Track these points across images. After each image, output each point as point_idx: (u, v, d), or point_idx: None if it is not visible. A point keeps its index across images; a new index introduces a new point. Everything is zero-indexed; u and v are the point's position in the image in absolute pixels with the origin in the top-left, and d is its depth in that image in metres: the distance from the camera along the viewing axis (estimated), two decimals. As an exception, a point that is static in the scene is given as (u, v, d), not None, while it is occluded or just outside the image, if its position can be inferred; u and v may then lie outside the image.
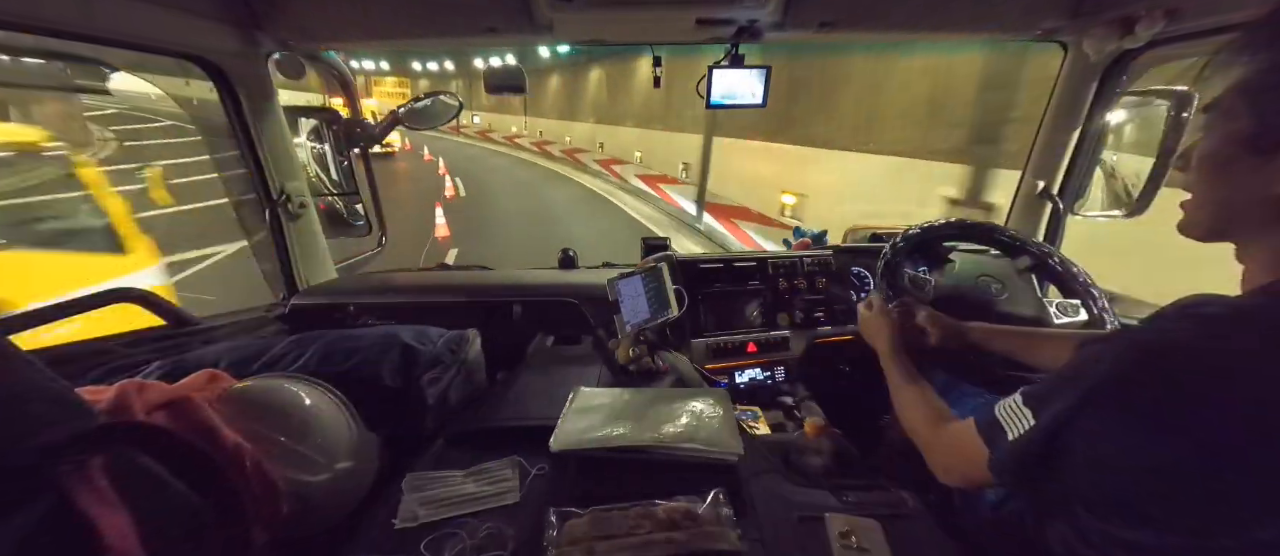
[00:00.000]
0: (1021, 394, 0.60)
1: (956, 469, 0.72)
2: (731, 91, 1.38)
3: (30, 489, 0.47)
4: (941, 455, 0.75)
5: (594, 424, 0.91)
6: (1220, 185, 0.55)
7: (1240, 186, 0.52)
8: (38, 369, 0.53)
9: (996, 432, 0.61)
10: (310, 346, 1.08)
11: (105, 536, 0.48)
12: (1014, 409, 0.60)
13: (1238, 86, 0.51)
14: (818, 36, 1.28)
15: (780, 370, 1.49)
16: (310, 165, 1.64)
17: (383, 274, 1.77)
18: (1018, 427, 0.59)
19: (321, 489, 0.77)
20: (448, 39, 1.34)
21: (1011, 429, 0.59)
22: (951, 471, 0.73)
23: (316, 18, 1.25)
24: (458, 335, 1.24)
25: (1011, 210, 1.63)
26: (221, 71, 1.29)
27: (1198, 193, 0.57)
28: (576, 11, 1.12)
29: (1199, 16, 1.07)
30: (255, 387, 0.84)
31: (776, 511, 0.79)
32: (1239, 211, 0.53)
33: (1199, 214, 0.57)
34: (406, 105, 1.67)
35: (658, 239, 1.71)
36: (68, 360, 1.04)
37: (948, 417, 0.77)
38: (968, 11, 1.26)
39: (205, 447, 0.64)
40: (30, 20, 0.86)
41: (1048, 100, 1.48)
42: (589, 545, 0.66)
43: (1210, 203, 0.56)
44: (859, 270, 1.60)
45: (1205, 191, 0.56)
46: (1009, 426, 0.60)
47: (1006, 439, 0.60)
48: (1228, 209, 0.55)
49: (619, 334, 1.27)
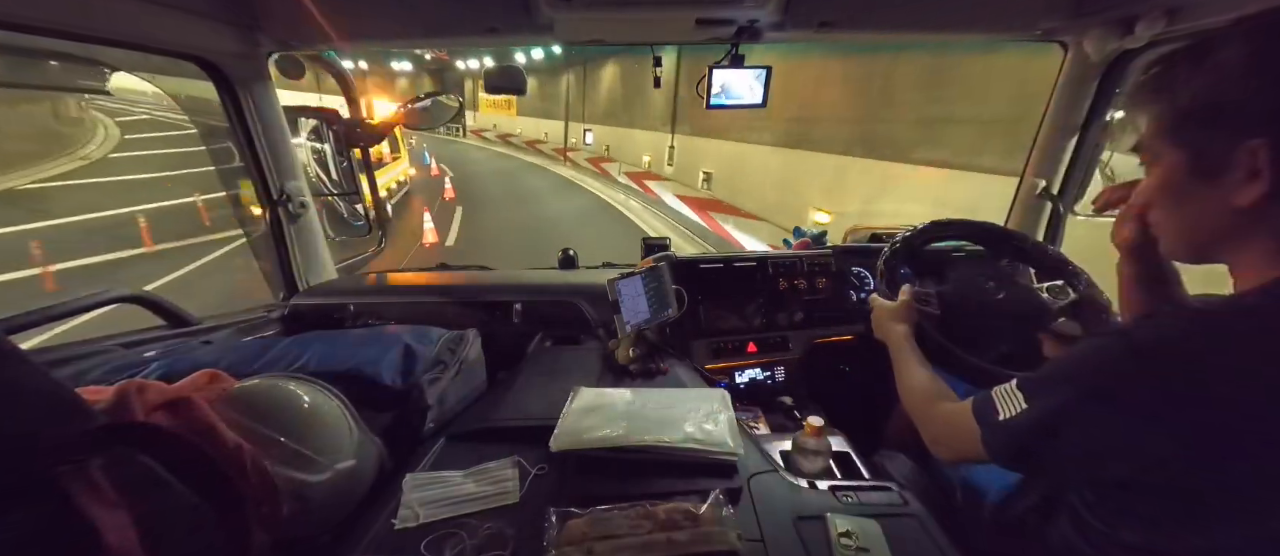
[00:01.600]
0: (1017, 380, 0.61)
1: (946, 442, 0.74)
2: (731, 92, 1.38)
3: (30, 489, 0.47)
4: (933, 428, 0.77)
5: (594, 424, 0.91)
6: (1181, 213, 0.56)
7: (1200, 209, 0.54)
8: (38, 369, 0.53)
9: (988, 410, 0.63)
10: (310, 346, 1.08)
11: (105, 536, 0.48)
12: (1008, 392, 0.61)
13: (1155, 129, 0.54)
14: (818, 36, 1.28)
15: (780, 370, 1.49)
16: (310, 165, 1.64)
17: (383, 274, 1.77)
18: (1009, 410, 0.60)
19: (321, 489, 0.77)
20: (448, 39, 1.34)
21: (1003, 409, 0.61)
22: (940, 444, 0.75)
23: (316, 18, 1.25)
24: (458, 335, 1.24)
25: (1011, 210, 1.63)
26: (221, 71, 1.29)
27: (1165, 223, 0.59)
28: (576, 11, 1.12)
29: (1199, 16, 1.07)
30: (255, 387, 0.84)
31: (776, 511, 0.79)
32: (1210, 234, 0.54)
33: (1174, 242, 0.59)
34: (405, 105, 1.67)
35: (658, 239, 1.71)
36: (68, 360, 1.04)
37: (949, 398, 0.78)
38: (968, 11, 1.26)
39: (205, 447, 0.64)
40: (30, 20, 0.86)
41: (1047, 100, 1.48)
42: (589, 545, 0.66)
43: (1181, 231, 0.58)
44: (859, 270, 1.60)
45: (1172, 223, 0.58)
46: (1001, 407, 0.61)
47: (997, 418, 0.61)
48: (1199, 234, 0.56)
49: (619, 334, 1.27)
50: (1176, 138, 0.53)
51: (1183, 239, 0.58)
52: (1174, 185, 0.55)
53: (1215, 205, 0.51)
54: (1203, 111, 0.50)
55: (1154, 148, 0.55)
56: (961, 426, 0.67)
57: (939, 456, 0.75)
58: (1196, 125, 0.51)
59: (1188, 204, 0.55)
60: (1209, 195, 0.51)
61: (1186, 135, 0.52)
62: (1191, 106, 0.51)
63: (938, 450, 0.75)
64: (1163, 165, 0.55)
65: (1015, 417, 0.59)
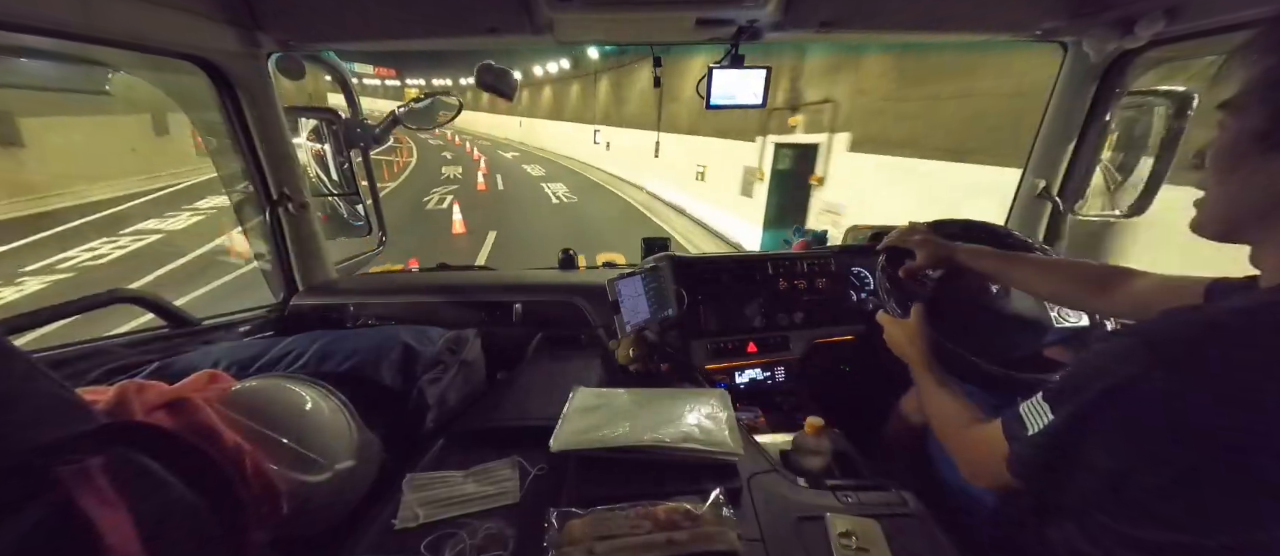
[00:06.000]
0: (1042, 392, 0.60)
1: (984, 469, 0.70)
2: (731, 92, 1.38)
3: (30, 489, 0.47)
4: (969, 456, 0.74)
5: (594, 424, 0.91)
6: (1232, 182, 0.55)
7: (1251, 183, 0.53)
8: (38, 369, 0.53)
9: (1018, 428, 0.62)
10: (310, 346, 1.08)
11: (105, 536, 0.48)
12: (1036, 406, 0.60)
13: (1252, 83, 0.52)
14: (818, 36, 1.28)
15: (780, 370, 1.49)
16: (310, 165, 1.64)
17: (383, 274, 1.77)
18: (1037, 423, 0.59)
19: (321, 489, 0.77)
20: (448, 39, 1.33)
21: (1032, 424, 0.60)
22: (979, 473, 0.71)
23: (316, 18, 1.25)
24: (458, 335, 1.24)
25: (1011, 210, 1.63)
26: (221, 71, 1.29)
27: (1210, 191, 0.58)
28: (576, 12, 1.12)
29: (1199, 16, 1.07)
30: (255, 387, 0.84)
31: (776, 511, 0.79)
32: (1250, 209, 0.54)
33: (1212, 212, 0.58)
34: (405, 105, 1.67)
35: (658, 239, 1.71)
36: (68, 360, 1.04)
37: (977, 420, 0.75)
38: (968, 11, 1.26)
39: (205, 447, 0.64)
40: (30, 20, 0.86)
41: (1047, 100, 1.48)
42: (589, 545, 0.66)
43: (1222, 200, 0.57)
44: (859, 270, 1.60)
45: (1217, 189, 0.57)
46: (1030, 421, 0.60)
47: (1026, 433, 0.60)
48: (1239, 207, 0.55)
49: (619, 334, 1.27)
50: (1269, 96, 0.51)
51: (1222, 208, 0.57)
52: (1237, 150, 0.54)
53: (1267, 183, 0.51)
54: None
55: (1241, 102, 0.53)
56: (996, 451, 0.65)
57: (978, 485, 0.72)
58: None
59: (1242, 171, 0.54)
60: (1265, 168, 0.51)
61: (1277, 100, 0.50)
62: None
63: (978, 481, 0.71)
64: (1237, 126, 0.54)
65: (1043, 431, 0.58)
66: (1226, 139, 0.55)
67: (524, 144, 26.87)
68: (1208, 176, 0.58)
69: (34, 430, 0.50)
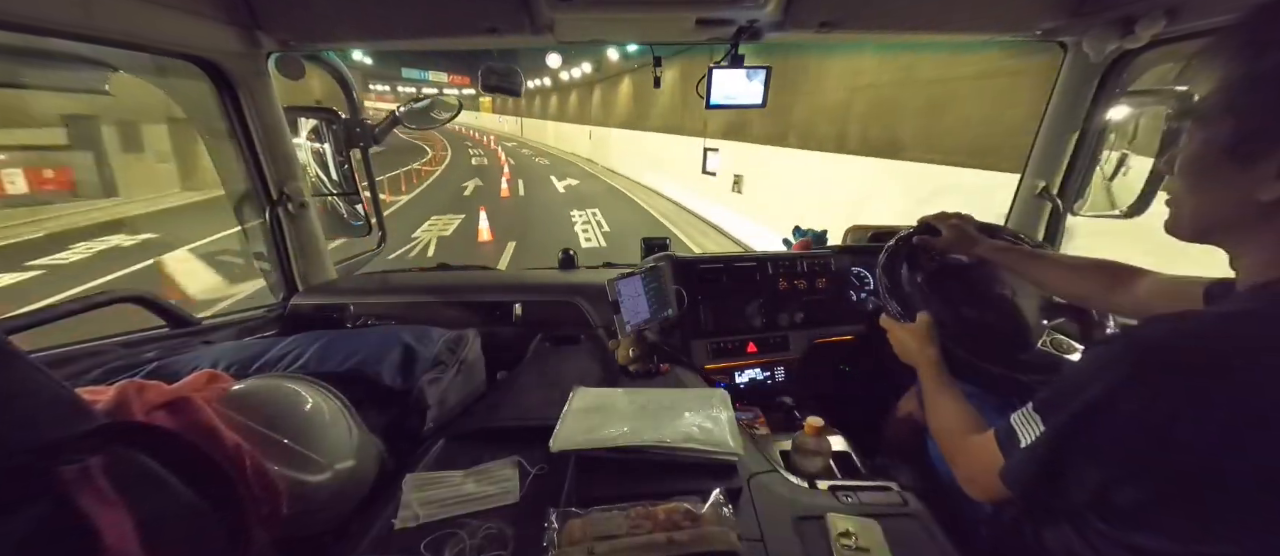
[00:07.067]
0: (1033, 402, 0.60)
1: (979, 480, 0.69)
2: (731, 92, 1.38)
3: (30, 489, 0.47)
4: (965, 466, 0.73)
5: (594, 424, 0.91)
6: (1201, 191, 0.55)
7: (1221, 193, 0.52)
8: (38, 369, 0.53)
9: (1011, 440, 0.61)
10: (310, 346, 1.08)
11: (105, 536, 0.48)
12: (1027, 417, 0.60)
13: (1217, 91, 0.51)
14: (818, 36, 1.28)
15: (780, 370, 1.49)
16: (310, 165, 1.64)
17: (383, 274, 1.77)
18: (1029, 434, 0.59)
19: (321, 489, 0.77)
20: (448, 39, 1.33)
21: (1024, 435, 0.59)
22: (974, 482, 0.71)
23: (316, 18, 1.25)
24: (458, 335, 1.24)
25: (1011, 210, 1.63)
26: (221, 71, 1.29)
27: (1180, 196, 0.57)
28: (577, 11, 1.12)
29: (1199, 16, 1.06)
30: (255, 387, 0.84)
31: (776, 511, 0.79)
32: (1221, 216, 0.54)
33: (1182, 218, 0.58)
34: (405, 105, 1.67)
35: (658, 239, 1.71)
36: (68, 360, 1.04)
37: (977, 428, 0.75)
38: (968, 11, 1.26)
39: (205, 447, 0.64)
40: (30, 20, 0.86)
41: (1047, 100, 1.48)
42: (589, 545, 0.66)
43: (1192, 208, 0.56)
44: (859, 270, 1.60)
45: (1188, 197, 0.56)
46: (1022, 433, 0.60)
47: (1019, 446, 0.60)
48: (1210, 214, 0.55)
49: (619, 334, 1.27)
50: (1235, 100, 0.49)
51: (1192, 214, 0.56)
52: (1205, 161, 0.53)
53: (1236, 193, 0.50)
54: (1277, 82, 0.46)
55: (1206, 112, 0.52)
56: (989, 463, 0.64)
57: (974, 494, 0.71)
58: (1264, 93, 0.47)
59: (1211, 182, 0.53)
60: (1235, 180, 0.50)
61: (1247, 100, 0.48)
62: (1272, 72, 0.46)
63: (972, 491, 0.71)
64: (1204, 136, 0.53)
65: (1035, 442, 0.57)
66: (1194, 149, 0.54)
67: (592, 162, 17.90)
68: (1177, 183, 0.57)
69: (34, 430, 0.50)
